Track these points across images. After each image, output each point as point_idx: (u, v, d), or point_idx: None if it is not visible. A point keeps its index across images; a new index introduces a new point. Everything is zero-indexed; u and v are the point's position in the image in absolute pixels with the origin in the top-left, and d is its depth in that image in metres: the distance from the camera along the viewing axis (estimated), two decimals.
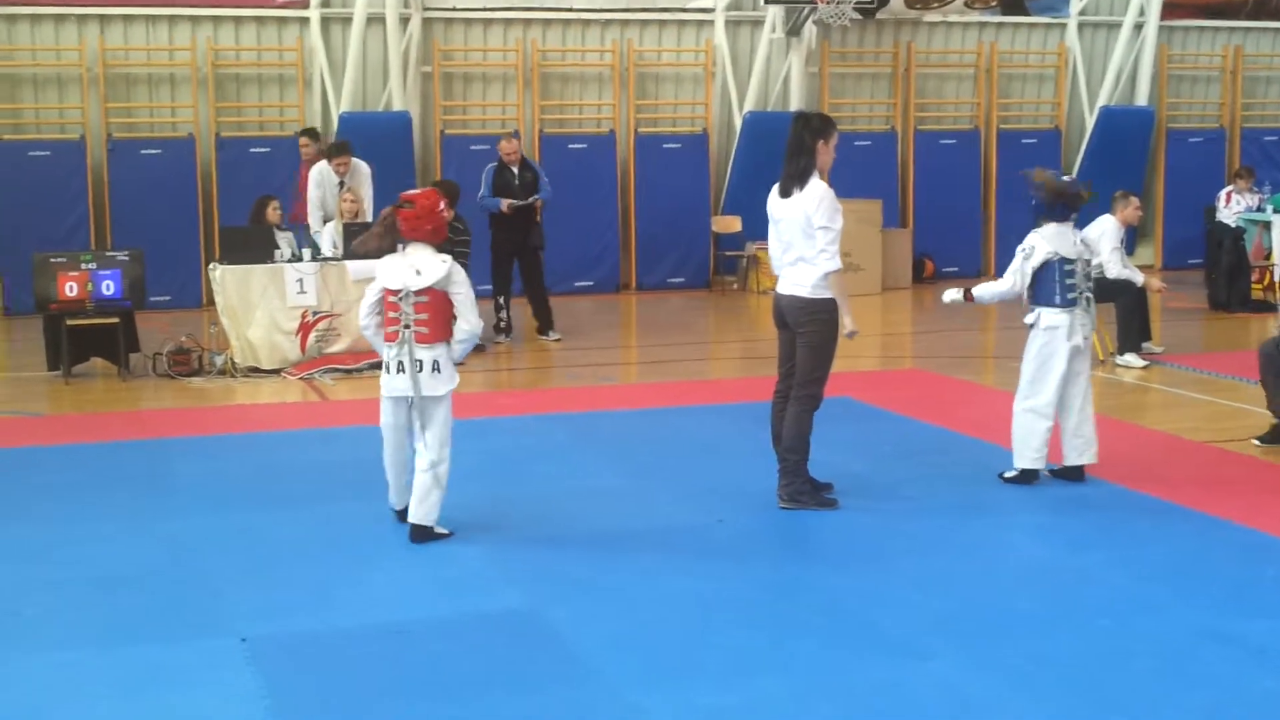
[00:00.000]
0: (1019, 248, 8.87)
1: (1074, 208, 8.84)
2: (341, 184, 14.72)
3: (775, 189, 8.33)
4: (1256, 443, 9.89)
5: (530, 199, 14.87)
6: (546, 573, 7.18)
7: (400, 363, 7.63)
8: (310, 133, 16.17)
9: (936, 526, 7.95)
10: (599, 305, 18.52)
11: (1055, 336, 8.65)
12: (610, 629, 6.32)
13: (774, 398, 8.52)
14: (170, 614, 6.59)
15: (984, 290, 9.03)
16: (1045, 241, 8.71)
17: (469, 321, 7.69)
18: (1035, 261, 8.70)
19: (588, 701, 5.52)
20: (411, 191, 7.94)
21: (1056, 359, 8.66)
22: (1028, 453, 8.73)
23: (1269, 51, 22.86)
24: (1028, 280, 8.75)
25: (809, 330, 8.18)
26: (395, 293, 7.64)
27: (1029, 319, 8.83)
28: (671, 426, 10.80)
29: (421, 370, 7.60)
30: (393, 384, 7.69)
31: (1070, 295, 8.68)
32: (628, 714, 5.42)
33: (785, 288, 8.32)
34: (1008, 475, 8.83)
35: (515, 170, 15.02)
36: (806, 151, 8.15)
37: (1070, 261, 8.70)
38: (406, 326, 7.61)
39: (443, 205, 7.84)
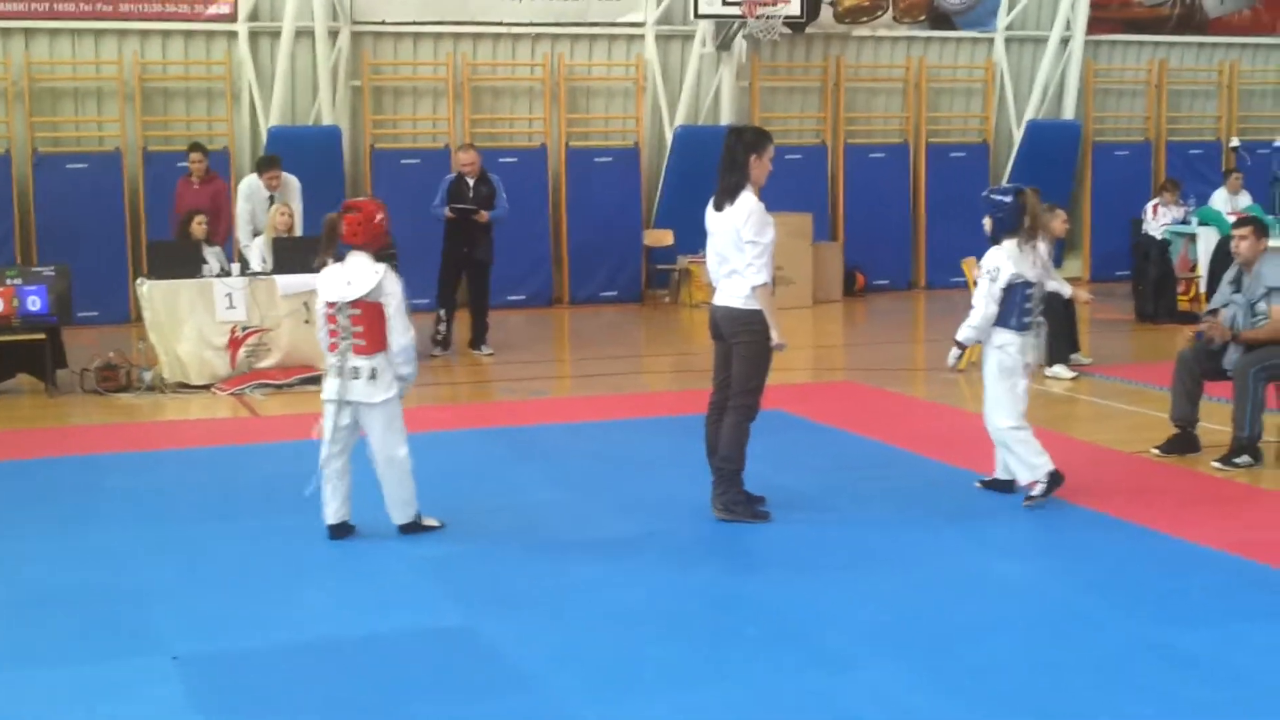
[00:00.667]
0: (984, 269, 8.62)
1: (1039, 234, 8.72)
2: (271, 198, 14.63)
3: (711, 202, 8.30)
4: (1155, 452, 9.99)
5: (473, 206, 14.79)
6: (483, 587, 7.15)
7: (339, 368, 7.72)
8: (201, 148, 15.85)
9: (870, 538, 7.98)
10: (531, 319, 18.49)
11: (1009, 353, 8.59)
12: (547, 642, 6.30)
13: (709, 409, 8.48)
14: (100, 632, 6.51)
15: (968, 332, 8.70)
16: (1011, 262, 8.51)
17: (397, 338, 7.75)
18: (1002, 283, 8.51)
19: (526, 714, 5.50)
20: (356, 199, 7.97)
21: (1018, 372, 8.61)
22: (1038, 460, 8.53)
23: (1193, 65, 23.16)
24: (998, 302, 8.52)
25: (743, 341, 8.17)
26: (333, 304, 7.73)
27: (993, 340, 8.65)
28: (605, 440, 10.79)
29: (358, 378, 7.68)
30: (329, 389, 7.80)
31: (1026, 320, 8.60)
32: None
33: (720, 299, 8.28)
34: (1035, 494, 8.51)
35: (471, 183, 14.95)
36: (739, 166, 8.12)
37: (1031, 285, 8.58)
38: (345, 338, 7.71)
39: (381, 216, 7.87)
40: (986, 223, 8.70)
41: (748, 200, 8.08)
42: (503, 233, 16.22)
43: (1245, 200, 18.43)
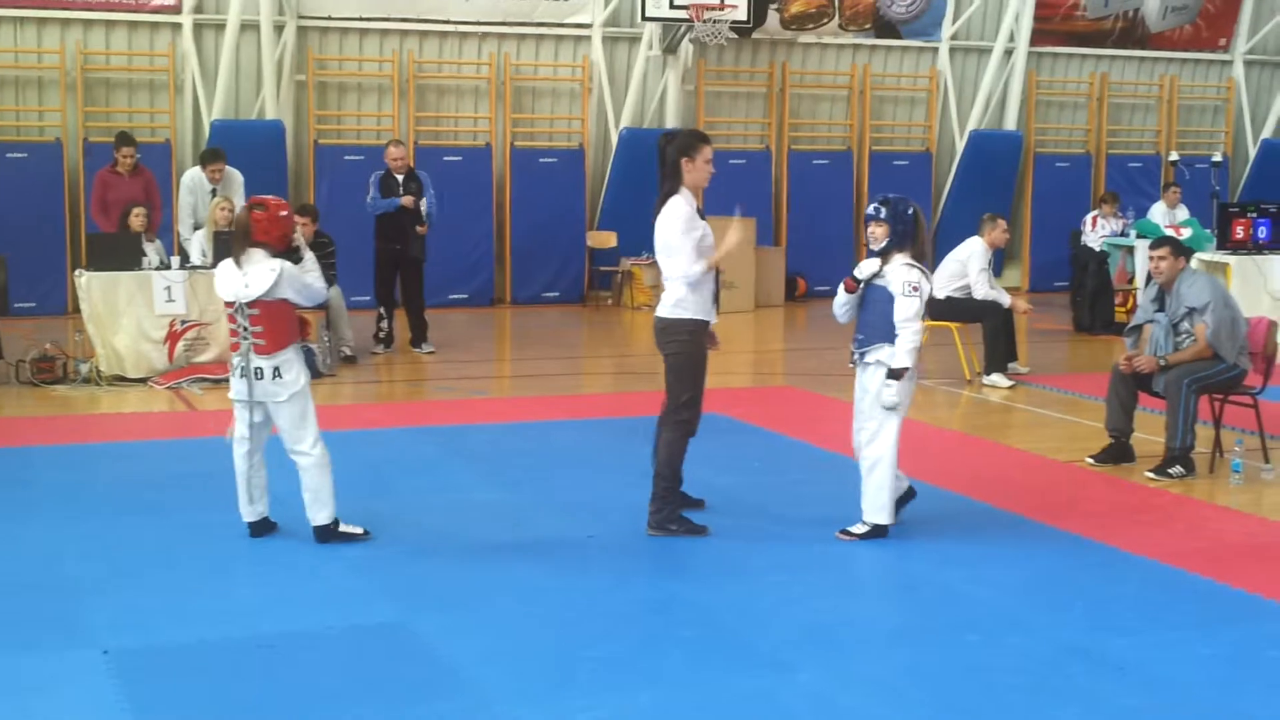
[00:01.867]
0: (907, 285, 7.86)
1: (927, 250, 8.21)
2: (213, 191, 14.54)
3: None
4: (1090, 461, 10.08)
5: (420, 204, 14.78)
6: (417, 586, 7.13)
7: (242, 368, 7.65)
8: (131, 140, 15.25)
9: (805, 542, 8.00)
10: (473, 318, 18.46)
11: (913, 377, 8.08)
12: (482, 642, 6.30)
13: (658, 423, 8.26)
14: (31, 624, 6.45)
15: (903, 359, 7.85)
16: (925, 279, 7.96)
17: (312, 294, 7.80)
18: (925, 297, 7.92)
19: (459, 714, 5.49)
20: (262, 196, 7.90)
21: (907, 402, 8.11)
22: (888, 503, 8.03)
23: (1133, 79, 23.38)
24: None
25: (669, 352, 8.03)
26: (230, 304, 7.67)
27: (872, 357, 8.01)
28: (543, 440, 10.79)
29: (261, 378, 7.61)
30: (236, 389, 7.76)
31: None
32: None
33: (658, 309, 8.15)
34: (861, 532, 8.03)
35: (400, 179, 14.92)
36: (671, 172, 7.96)
37: (928, 302, 8.10)
38: (245, 338, 7.64)
39: (285, 213, 7.73)
40: (879, 231, 8.00)
41: (675, 205, 7.91)
42: (445, 231, 16.22)
43: (1183, 214, 18.62)
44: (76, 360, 13.06)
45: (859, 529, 8.04)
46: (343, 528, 7.81)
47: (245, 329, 7.62)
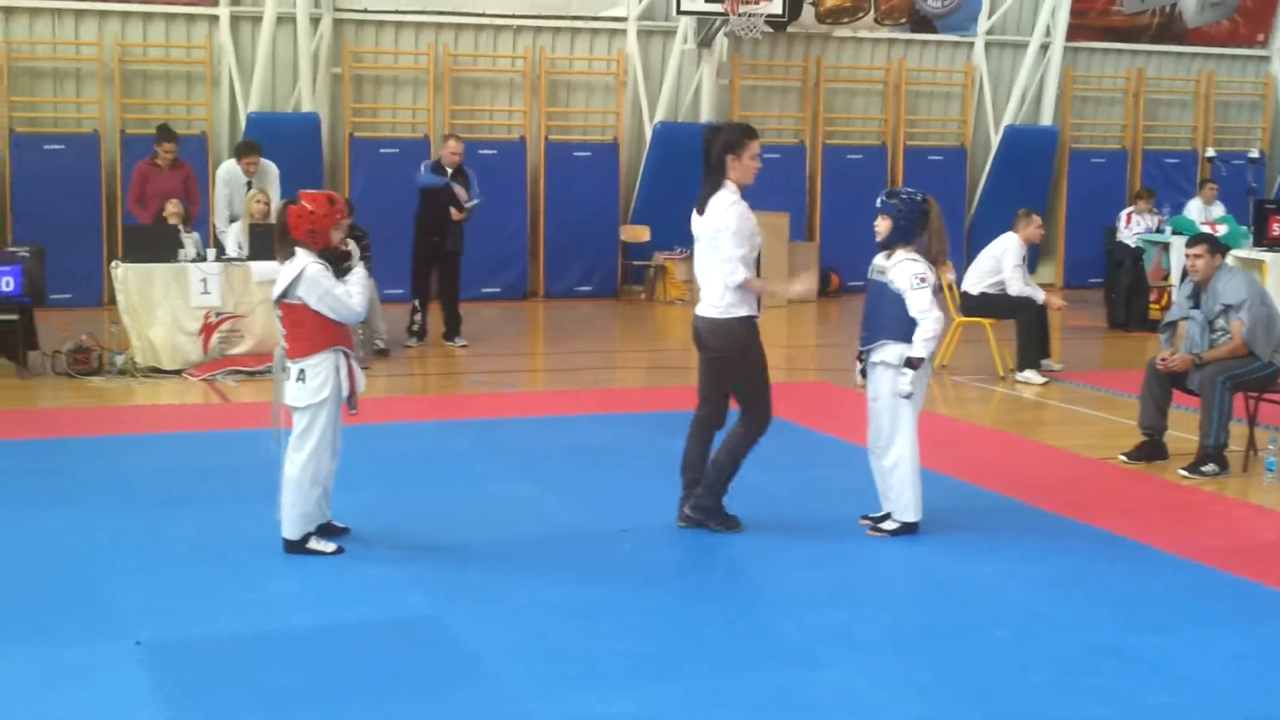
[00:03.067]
0: (914, 279, 7.77)
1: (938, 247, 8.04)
2: (249, 184, 14.60)
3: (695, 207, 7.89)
4: (1123, 459, 10.05)
5: (470, 204, 14.82)
6: (448, 579, 7.16)
7: (282, 367, 7.59)
8: (172, 134, 15.31)
9: (834, 538, 8.00)
10: (506, 312, 18.49)
11: (927, 370, 8.00)
12: (511, 635, 6.32)
13: (692, 424, 8.17)
14: (65, 616, 6.51)
15: (922, 348, 7.78)
16: (930, 269, 7.86)
17: (351, 304, 7.44)
18: (932, 287, 7.82)
19: (488, 707, 5.52)
20: (307, 190, 7.72)
21: (924, 396, 8.05)
22: (914, 500, 8.03)
23: (1170, 75, 23.25)
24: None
25: (729, 355, 7.88)
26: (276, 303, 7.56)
27: (878, 357, 8.01)
28: (576, 434, 10.81)
29: (288, 379, 7.49)
30: (275, 388, 7.71)
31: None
32: None
33: (701, 309, 7.92)
34: (891, 529, 8.04)
35: (449, 172, 14.95)
36: (716, 167, 7.74)
37: (938, 291, 8.01)
38: (282, 338, 7.55)
39: (324, 211, 7.42)
40: (883, 225, 7.89)
41: (723, 198, 7.70)
42: (480, 225, 16.23)
43: (1219, 211, 18.52)
44: (112, 352, 13.14)
45: (889, 525, 8.03)
46: (311, 544, 7.51)
47: (280, 330, 7.57)
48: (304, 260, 7.36)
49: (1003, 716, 5.50)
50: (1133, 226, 17.89)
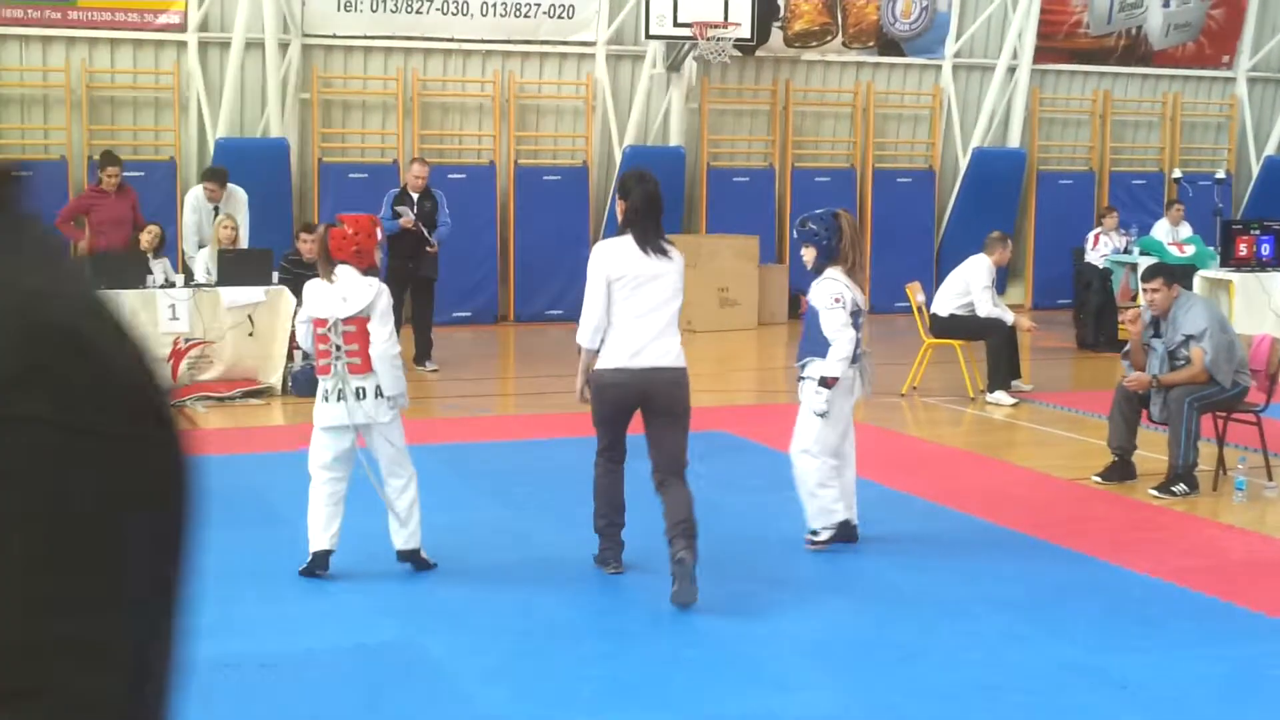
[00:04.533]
0: (829, 299, 8.01)
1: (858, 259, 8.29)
2: (216, 209, 14.56)
3: (630, 245, 7.42)
4: (1096, 479, 10.09)
5: (428, 233, 14.76)
6: (421, 604, 7.15)
7: (339, 392, 7.40)
8: (117, 160, 15.06)
9: (807, 561, 8.01)
10: (477, 336, 18.48)
11: (838, 390, 8.07)
12: (486, 660, 6.31)
13: (611, 470, 7.75)
14: None
15: (833, 367, 7.99)
16: (847, 289, 8.03)
17: (377, 344, 7.43)
18: (850, 309, 8.00)
19: None
20: (347, 214, 7.76)
21: (842, 413, 8.17)
22: (832, 506, 8.14)
23: (1136, 97, 23.41)
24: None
25: (686, 407, 7.43)
26: (323, 322, 7.44)
27: (807, 372, 8.18)
28: (548, 458, 10.80)
29: (365, 398, 7.39)
30: (331, 414, 7.44)
31: (858, 350, 8.14)
32: None
33: (660, 358, 7.30)
34: (822, 539, 8.13)
35: (415, 197, 14.94)
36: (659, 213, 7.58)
37: (859, 312, 8.15)
38: (339, 358, 7.41)
39: (368, 231, 7.54)
40: (808, 254, 8.19)
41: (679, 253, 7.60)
42: (450, 249, 16.22)
43: (1186, 231, 18.63)
44: None
45: (822, 536, 8.14)
46: (423, 553, 7.65)
47: (339, 348, 7.39)
48: (373, 279, 7.50)
49: None
50: (1100, 248, 17.99)
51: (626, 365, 7.30)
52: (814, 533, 8.17)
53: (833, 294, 8.01)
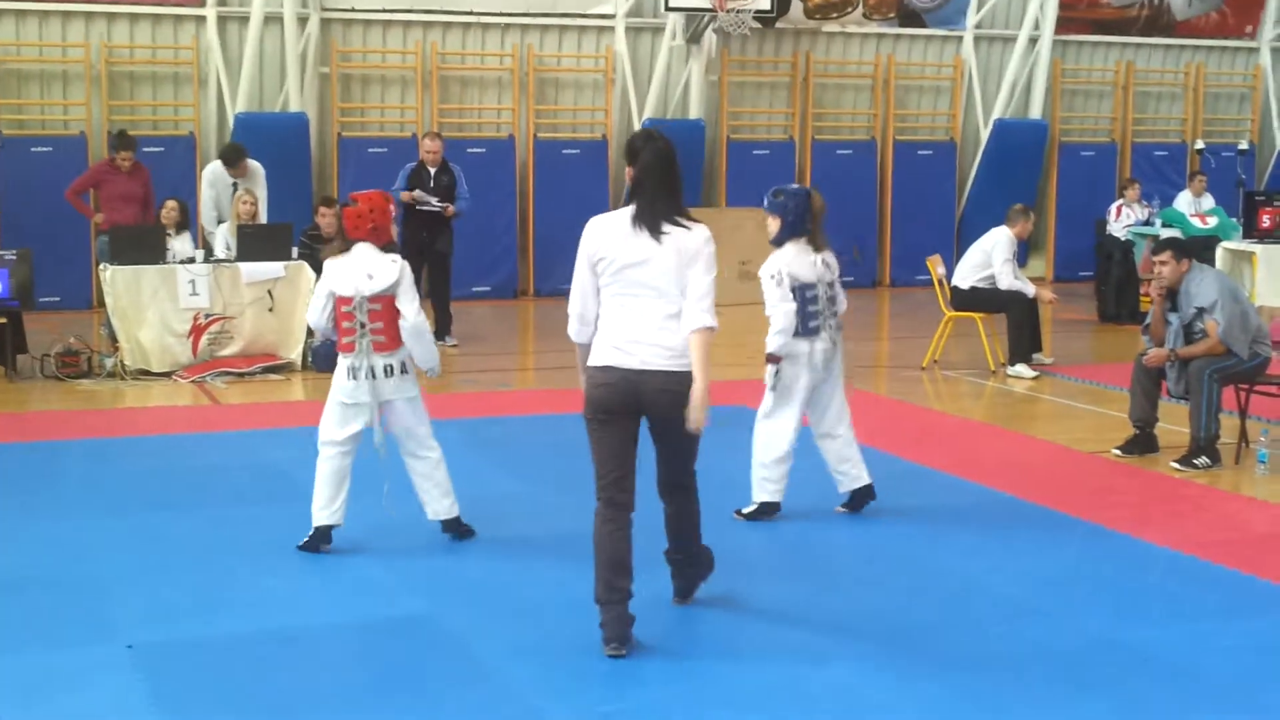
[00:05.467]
0: (768, 276, 8.06)
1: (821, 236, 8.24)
2: (235, 185, 14.54)
3: (629, 224, 6.22)
4: (1116, 452, 10.04)
5: (436, 203, 14.73)
6: (442, 578, 7.14)
7: (365, 369, 7.42)
8: (130, 141, 14.82)
9: (830, 535, 7.99)
10: (496, 311, 18.46)
11: (795, 363, 8.11)
12: (507, 634, 6.30)
13: (609, 518, 6.28)
14: (55, 620, 6.48)
15: (771, 342, 8.08)
16: (789, 265, 8.05)
17: (409, 317, 7.44)
18: (788, 287, 8.00)
19: (485, 706, 5.50)
20: (361, 191, 7.75)
21: (797, 386, 8.16)
22: (770, 486, 8.24)
23: (1159, 67, 23.26)
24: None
25: (682, 415, 6.10)
26: (348, 300, 7.42)
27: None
28: (568, 433, 10.74)
29: (390, 375, 7.46)
30: (354, 391, 7.45)
31: (813, 324, 8.11)
32: (528, 718, 5.40)
33: (651, 359, 6.12)
34: (746, 511, 8.24)
35: (432, 171, 14.91)
36: (675, 182, 6.30)
37: (811, 286, 8.11)
38: (363, 335, 7.41)
39: (383, 208, 7.56)
40: (774, 223, 8.17)
41: (703, 229, 6.27)
42: (469, 223, 16.20)
43: (1209, 203, 18.52)
44: (101, 354, 13.10)
45: (748, 509, 8.27)
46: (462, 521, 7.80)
47: (363, 325, 7.38)
48: (386, 255, 7.49)
49: (1000, 712, 5.49)
50: (1122, 219, 17.90)
51: (614, 364, 6.14)
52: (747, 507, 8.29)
53: (771, 271, 8.09)
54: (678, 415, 6.05)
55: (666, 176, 6.18)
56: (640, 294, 6.14)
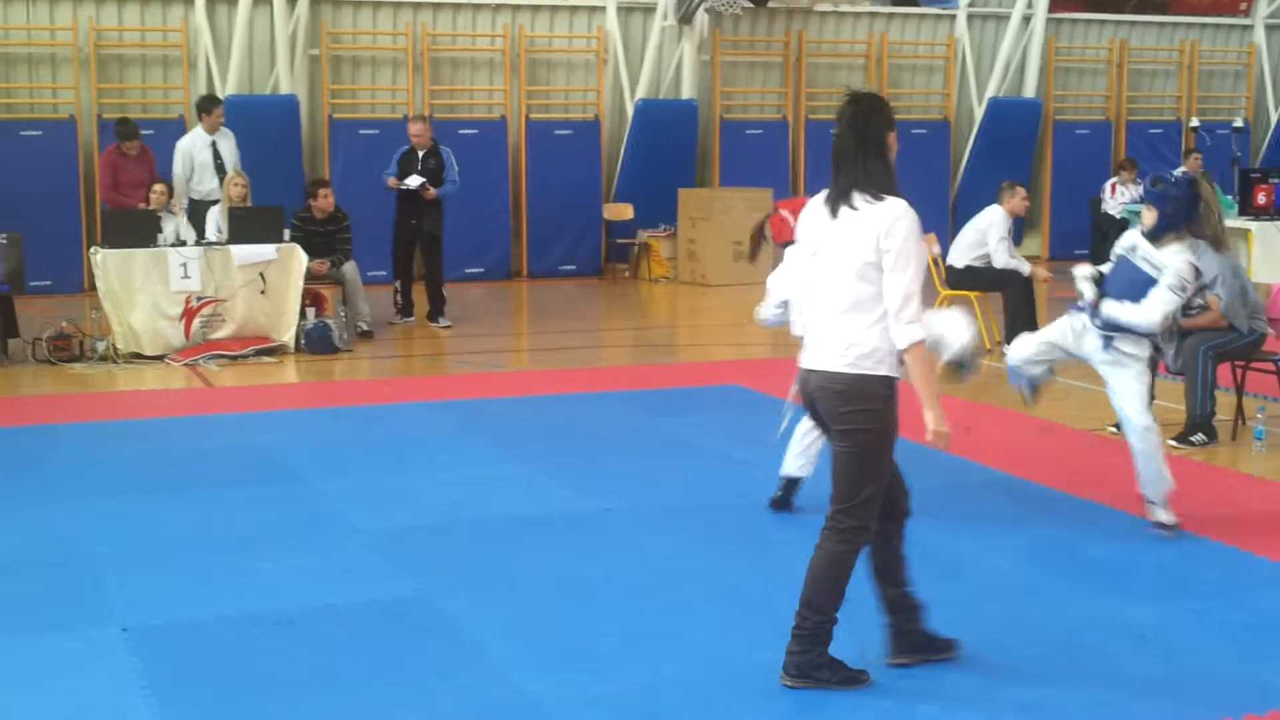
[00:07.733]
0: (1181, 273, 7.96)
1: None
2: (213, 144, 14.63)
3: (821, 205, 5.55)
4: (1112, 430, 9.94)
5: (415, 183, 14.70)
6: (436, 560, 7.11)
7: None
8: (131, 128, 15.22)
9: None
10: (490, 292, 18.43)
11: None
12: (501, 616, 6.27)
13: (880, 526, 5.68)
14: (49, 603, 6.45)
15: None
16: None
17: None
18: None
19: (479, 688, 5.47)
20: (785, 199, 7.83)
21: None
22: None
23: (1153, 45, 23.22)
24: None
25: (851, 427, 5.45)
26: None
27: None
28: (561, 414, 10.75)
29: None
30: None
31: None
32: (519, 700, 5.37)
33: (821, 360, 5.46)
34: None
35: (420, 155, 14.88)
36: (879, 149, 5.58)
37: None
38: None
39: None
40: (1149, 215, 8.33)
41: (897, 204, 5.53)
42: (462, 205, 16.17)
43: None
44: (93, 338, 13.06)
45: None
46: None
47: None
48: None
49: (996, 690, 5.47)
50: (1117, 197, 17.89)
51: (802, 364, 5.56)
52: None
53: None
54: (841, 419, 5.46)
55: (863, 144, 5.58)
56: (821, 282, 5.52)
